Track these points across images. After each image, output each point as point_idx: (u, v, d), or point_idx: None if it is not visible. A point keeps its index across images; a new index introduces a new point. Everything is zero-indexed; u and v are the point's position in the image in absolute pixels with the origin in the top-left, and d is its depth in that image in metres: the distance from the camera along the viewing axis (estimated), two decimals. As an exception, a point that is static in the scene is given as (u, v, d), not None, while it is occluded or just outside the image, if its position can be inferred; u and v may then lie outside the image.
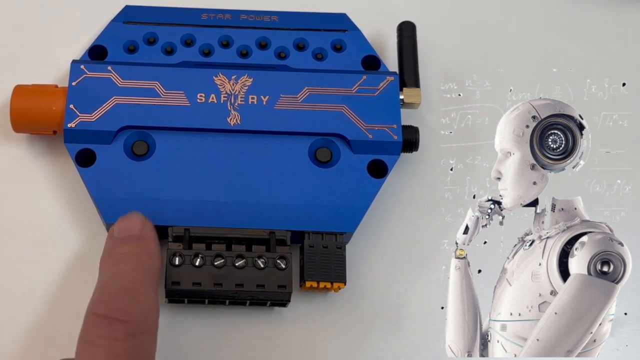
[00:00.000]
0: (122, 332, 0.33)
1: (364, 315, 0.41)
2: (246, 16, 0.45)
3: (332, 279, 0.39)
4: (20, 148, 0.43)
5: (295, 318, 0.41)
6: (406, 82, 0.43)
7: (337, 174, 0.40)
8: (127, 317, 0.33)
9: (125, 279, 0.35)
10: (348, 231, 0.40)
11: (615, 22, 0.49)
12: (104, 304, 0.33)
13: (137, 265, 0.36)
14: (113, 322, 0.33)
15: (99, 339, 0.33)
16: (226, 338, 0.40)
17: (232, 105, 0.41)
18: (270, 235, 0.39)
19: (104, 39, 0.43)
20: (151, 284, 0.36)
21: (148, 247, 0.37)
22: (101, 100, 0.41)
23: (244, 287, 0.38)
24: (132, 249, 0.36)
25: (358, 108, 0.41)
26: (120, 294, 0.34)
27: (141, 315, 0.34)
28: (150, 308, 0.35)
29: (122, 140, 0.40)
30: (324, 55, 0.43)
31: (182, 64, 0.42)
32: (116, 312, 0.33)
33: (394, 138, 0.41)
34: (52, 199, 0.42)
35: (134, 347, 0.33)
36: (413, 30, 0.45)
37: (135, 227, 0.37)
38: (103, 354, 0.32)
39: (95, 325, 0.33)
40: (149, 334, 0.34)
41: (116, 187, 0.39)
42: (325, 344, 0.40)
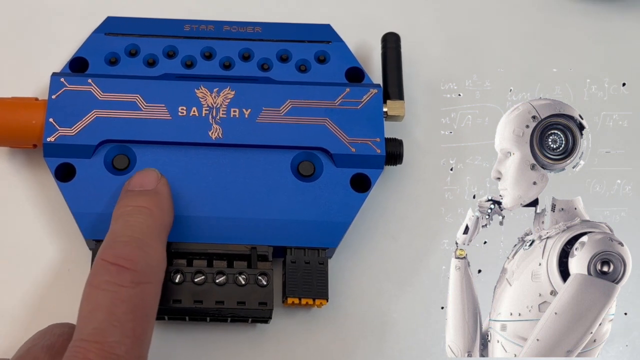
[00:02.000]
0: (129, 279, 0.33)
1: (347, 332, 0.41)
2: (229, 27, 0.44)
3: (314, 296, 0.39)
4: (0, 161, 0.43)
5: (277, 334, 0.40)
6: (390, 94, 0.43)
7: (320, 188, 0.40)
8: (134, 265, 0.34)
9: (136, 230, 0.36)
10: (331, 246, 0.39)
11: (616, 22, 0.48)
12: (113, 251, 0.34)
13: (149, 218, 0.36)
14: (120, 269, 0.34)
15: (106, 283, 0.33)
16: (208, 355, 0.40)
17: (214, 118, 0.41)
18: (252, 251, 0.39)
19: (85, 50, 0.43)
20: (160, 238, 0.36)
21: (161, 202, 0.37)
22: (81, 114, 0.40)
23: (224, 304, 0.37)
24: (146, 203, 0.37)
25: (341, 121, 0.41)
26: (129, 243, 0.35)
27: (148, 266, 0.34)
28: (158, 260, 0.36)
29: (102, 155, 0.40)
30: (307, 67, 0.43)
31: (164, 76, 0.42)
32: (124, 260, 0.34)
33: (377, 152, 0.40)
34: (32, 213, 0.42)
35: (138, 295, 0.33)
36: (397, 41, 0.44)
37: (151, 182, 0.38)
38: (108, 299, 0.33)
39: (103, 270, 0.34)
40: (153, 284, 0.35)
41: (96, 202, 0.39)
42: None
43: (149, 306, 0.34)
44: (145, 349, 0.33)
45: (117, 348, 0.32)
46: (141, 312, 0.33)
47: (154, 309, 0.35)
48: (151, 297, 0.34)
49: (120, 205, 0.37)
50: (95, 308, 0.33)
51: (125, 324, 0.32)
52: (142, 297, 0.34)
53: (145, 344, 0.33)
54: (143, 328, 0.33)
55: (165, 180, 0.39)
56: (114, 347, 0.32)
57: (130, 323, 0.33)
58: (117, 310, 0.33)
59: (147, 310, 0.34)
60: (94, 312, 0.33)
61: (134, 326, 0.33)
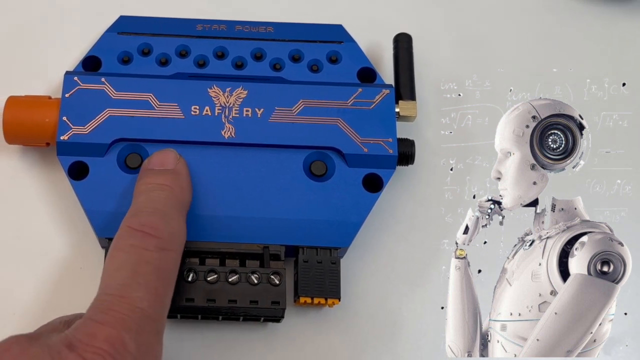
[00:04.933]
0: (153, 244, 0.35)
1: (358, 331, 0.41)
2: (241, 27, 0.44)
3: (326, 295, 0.39)
4: (13, 159, 0.43)
5: (289, 333, 0.40)
6: (402, 94, 0.43)
7: (332, 188, 0.40)
8: (158, 233, 0.35)
9: (158, 203, 0.37)
10: (343, 246, 0.39)
11: (615, 23, 0.48)
12: (138, 219, 0.36)
13: (170, 194, 0.37)
14: (145, 235, 0.35)
15: (131, 247, 0.35)
16: (219, 354, 0.40)
17: (227, 117, 0.41)
18: (264, 250, 0.39)
19: (98, 49, 0.43)
20: (181, 213, 0.38)
21: (181, 181, 0.38)
22: (94, 113, 0.40)
23: (237, 303, 0.37)
24: (167, 181, 0.38)
25: (353, 121, 0.41)
26: (153, 214, 0.36)
27: (171, 235, 0.36)
28: (180, 231, 0.37)
29: (115, 153, 0.40)
30: (319, 67, 0.43)
31: (177, 75, 0.42)
32: (149, 227, 0.35)
33: (389, 152, 0.41)
34: (45, 211, 0.42)
35: (162, 259, 0.35)
36: (409, 42, 0.44)
37: (170, 162, 0.39)
38: (133, 259, 0.34)
39: (128, 235, 0.35)
40: (175, 252, 0.36)
41: (109, 200, 0.39)
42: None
43: (170, 271, 0.35)
44: (165, 309, 0.34)
45: (140, 302, 0.33)
46: (163, 275, 0.34)
47: (174, 275, 0.36)
48: (173, 264, 0.35)
49: (142, 183, 0.38)
50: (120, 267, 0.34)
51: (149, 283, 0.34)
52: (165, 262, 0.35)
53: (166, 304, 0.35)
54: (165, 289, 0.34)
55: (183, 160, 0.39)
56: (137, 301, 0.33)
57: (154, 282, 0.34)
58: (141, 270, 0.34)
59: (168, 274, 0.35)
60: (119, 270, 0.34)
61: (156, 285, 0.34)
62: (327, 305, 0.39)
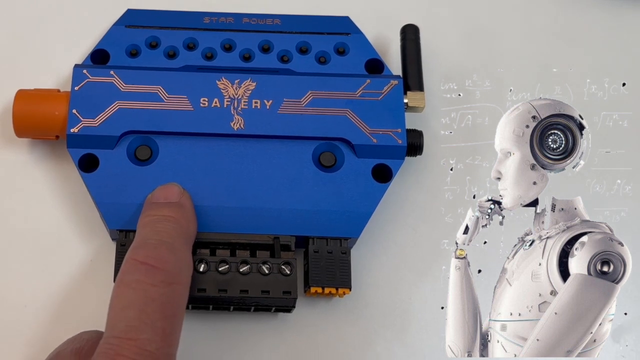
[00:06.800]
0: (159, 278, 0.34)
1: (369, 321, 0.41)
2: (249, 19, 0.44)
3: (337, 285, 0.39)
4: (23, 153, 0.43)
5: (299, 324, 0.40)
6: (410, 85, 0.43)
7: (342, 179, 0.40)
8: (164, 265, 0.34)
9: (164, 235, 0.36)
10: (353, 236, 0.40)
11: (615, 23, 0.48)
12: (144, 251, 0.35)
13: (175, 225, 0.37)
14: (150, 269, 0.34)
15: (136, 282, 0.34)
16: (230, 344, 0.40)
17: (236, 109, 0.41)
18: (275, 241, 0.39)
19: (106, 43, 0.43)
20: (187, 245, 0.37)
21: (186, 213, 0.38)
22: (104, 105, 0.41)
23: (248, 293, 0.38)
24: (172, 213, 0.38)
25: (362, 112, 0.41)
26: (159, 246, 0.35)
27: (177, 267, 0.35)
28: (186, 263, 0.36)
29: (125, 145, 0.40)
30: (327, 59, 0.43)
31: (185, 68, 0.42)
32: (154, 260, 0.34)
33: (398, 142, 0.41)
34: (54, 204, 0.42)
35: (168, 294, 0.34)
36: (416, 33, 0.44)
37: (174, 195, 0.39)
38: (140, 297, 0.33)
39: (134, 269, 0.34)
40: (182, 285, 0.35)
41: (119, 192, 0.39)
42: (330, 350, 0.40)
43: (178, 306, 0.35)
44: (174, 347, 0.34)
45: (148, 345, 0.32)
46: (170, 312, 0.34)
47: (182, 310, 0.35)
48: (180, 298, 0.35)
49: (146, 215, 0.38)
50: (127, 306, 0.33)
51: (155, 322, 0.33)
52: (172, 297, 0.34)
53: (174, 342, 0.34)
54: (172, 327, 0.34)
55: (187, 194, 0.39)
56: (145, 343, 0.32)
57: (160, 322, 0.33)
58: (147, 309, 0.33)
59: (175, 310, 0.34)
60: (126, 309, 0.33)
61: (163, 325, 0.33)
62: (338, 295, 0.39)
